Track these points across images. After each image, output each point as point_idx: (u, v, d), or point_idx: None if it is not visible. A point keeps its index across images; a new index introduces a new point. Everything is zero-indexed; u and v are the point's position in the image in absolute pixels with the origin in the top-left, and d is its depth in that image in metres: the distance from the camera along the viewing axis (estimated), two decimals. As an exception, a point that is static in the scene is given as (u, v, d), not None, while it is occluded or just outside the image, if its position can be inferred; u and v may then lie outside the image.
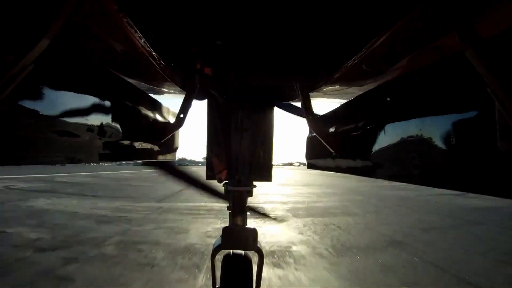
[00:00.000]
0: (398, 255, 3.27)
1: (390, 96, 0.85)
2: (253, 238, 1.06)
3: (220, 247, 1.08)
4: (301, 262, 3.03)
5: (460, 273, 2.76)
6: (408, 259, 3.15)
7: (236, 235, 1.07)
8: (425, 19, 0.59)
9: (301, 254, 3.28)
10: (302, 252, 3.35)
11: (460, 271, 2.81)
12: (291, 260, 3.07)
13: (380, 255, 3.28)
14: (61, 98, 0.66)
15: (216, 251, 1.08)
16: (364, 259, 3.15)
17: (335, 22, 0.82)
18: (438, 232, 4.28)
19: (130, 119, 0.99)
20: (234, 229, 1.09)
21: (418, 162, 0.68)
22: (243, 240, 1.06)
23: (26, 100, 0.57)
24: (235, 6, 0.76)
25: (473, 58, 0.43)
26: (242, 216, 1.11)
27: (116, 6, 0.58)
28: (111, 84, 0.91)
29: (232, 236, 1.07)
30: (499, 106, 0.42)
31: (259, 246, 1.07)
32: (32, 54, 0.46)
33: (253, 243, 1.06)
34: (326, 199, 7.99)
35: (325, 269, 2.85)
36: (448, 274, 2.76)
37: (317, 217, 5.26)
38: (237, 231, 1.08)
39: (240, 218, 1.11)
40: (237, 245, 1.08)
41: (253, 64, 1.04)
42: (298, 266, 2.92)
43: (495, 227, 4.56)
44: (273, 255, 3.19)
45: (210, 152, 1.18)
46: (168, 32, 0.84)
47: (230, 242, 1.07)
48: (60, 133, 0.67)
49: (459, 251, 3.41)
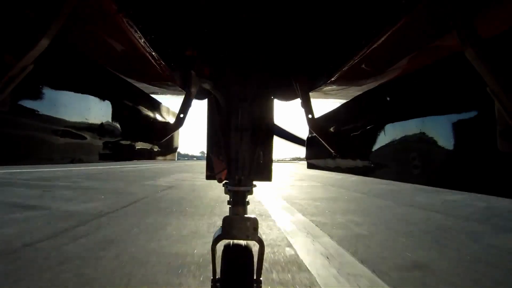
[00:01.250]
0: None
1: (390, 96, 0.85)
2: (254, 227, 1.06)
3: (221, 237, 1.07)
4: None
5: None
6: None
7: (237, 225, 1.06)
8: (425, 19, 0.59)
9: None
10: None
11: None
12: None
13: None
14: (61, 98, 0.66)
15: (217, 241, 1.08)
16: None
17: (335, 22, 0.82)
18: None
19: (130, 119, 0.99)
20: (234, 218, 1.08)
21: (417, 162, 0.68)
22: (243, 229, 1.06)
23: (26, 100, 0.57)
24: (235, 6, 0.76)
25: (473, 58, 0.43)
26: (243, 207, 1.11)
27: (116, 6, 0.58)
28: (111, 84, 0.91)
29: (232, 226, 1.06)
30: (499, 106, 0.42)
31: (260, 236, 1.07)
32: (32, 54, 0.46)
33: (253, 232, 1.05)
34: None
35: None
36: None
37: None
38: (237, 221, 1.07)
39: (240, 208, 1.10)
40: (237, 234, 1.07)
41: (253, 64, 1.04)
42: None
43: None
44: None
45: (210, 152, 1.18)
46: (168, 32, 0.84)
47: (230, 232, 1.07)
48: (60, 133, 0.67)
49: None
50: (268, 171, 1.21)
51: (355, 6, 0.72)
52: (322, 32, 0.88)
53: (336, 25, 0.82)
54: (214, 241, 1.08)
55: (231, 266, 1.08)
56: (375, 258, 2.75)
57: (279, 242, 3.22)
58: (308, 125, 1.07)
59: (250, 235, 1.06)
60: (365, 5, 0.69)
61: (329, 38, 0.89)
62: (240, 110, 1.09)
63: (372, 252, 2.91)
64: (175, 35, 0.88)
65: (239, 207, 1.11)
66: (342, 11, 0.77)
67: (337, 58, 0.87)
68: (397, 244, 3.19)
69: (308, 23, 0.84)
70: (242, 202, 1.11)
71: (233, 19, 0.81)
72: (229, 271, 1.08)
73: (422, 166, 0.67)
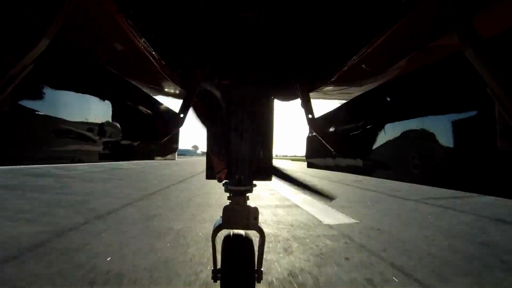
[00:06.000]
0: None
1: (390, 96, 0.85)
2: (254, 217, 1.04)
3: (221, 227, 1.06)
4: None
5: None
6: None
7: (237, 215, 1.05)
8: (425, 19, 0.59)
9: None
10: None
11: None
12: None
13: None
14: (61, 98, 0.66)
15: (217, 231, 1.07)
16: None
17: (335, 22, 0.82)
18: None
19: (130, 119, 0.99)
20: (235, 208, 1.06)
21: (417, 162, 0.68)
22: (244, 219, 1.04)
23: (26, 100, 0.57)
24: (235, 6, 0.76)
25: (473, 58, 0.43)
26: (243, 197, 1.09)
27: (116, 6, 0.58)
28: (111, 84, 0.91)
29: (232, 216, 1.05)
30: (499, 106, 0.42)
31: (260, 226, 1.05)
32: (32, 54, 0.46)
33: (254, 222, 1.04)
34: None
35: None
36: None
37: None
38: (237, 211, 1.05)
39: (241, 198, 1.08)
40: (237, 224, 1.05)
41: (253, 64, 1.04)
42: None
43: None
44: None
45: (210, 152, 1.18)
46: (168, 32, 0.84)
47: (230, 222, 1.05)
48: (60, 133, 0.67)
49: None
50: (268, 171, 1.21)
51: (355, 6, 0.72)
52: (322, 32, 0.88)
53: (336, 25, 0.82)
54: (214, 231, 1.07)
55: (232, 256, 1.07)
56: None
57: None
58: (308, 125, 1.07)
59: (250, 225, 1.04)
60: (365, 5, 0.69)
61: (329, 38, 0.89)
62: (240, 110, 1.09)
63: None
64: (175, 35, 0.88)
65: (239, 196, 1.08)
66: (342, 11, 0.77)
67: (337, 58, 0.87)
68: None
69: (308, 23, 0.84)
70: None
71: (233, 19, 0.81)
72: (229, 261, 1.07)
73: (421, 166, 0.67)
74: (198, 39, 0.91)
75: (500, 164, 0.47)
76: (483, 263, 2.36)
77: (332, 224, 3.61)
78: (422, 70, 0.72)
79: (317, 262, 2.35)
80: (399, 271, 2.19)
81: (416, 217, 4.03)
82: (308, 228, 3.43)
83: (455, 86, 0.59)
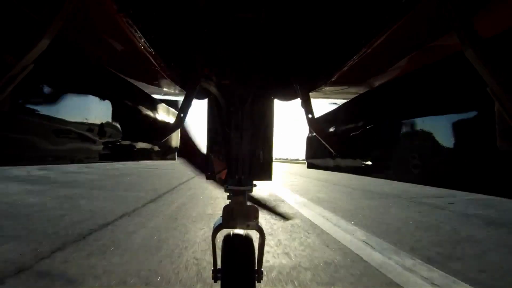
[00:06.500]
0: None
1: (390, 96, 0.85)
2: (254, 216, 1.04)
3: (221, 227, 1.06)
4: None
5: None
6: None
7: (237, 214, 1.04)
8: (425, 19, 0.59)
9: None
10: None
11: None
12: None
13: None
14: (61, 98, 0.66)
15: (217, 231, 1.07)
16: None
17: (335, 22, 0.82)
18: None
19: (130, 119, 0.99)
20: (235, 207, 1.06)
21: (417, 162, 0.68)
22: (244, 219, 1.04)
23: (26, 100, 0.57)
24: (235, 6, 0.76)
25: (473, 58, 0.43)
26: (243, 197, 1.09)
27: (116, 6, 0.58)
28: (111, 84, 0.91)
29: (232, 215, 1.04)
30: (499, 106, 0.42)
31: (260, 226, 1.05)
32: (32, 54, 0.46)
33: (254, 221, 1.04)
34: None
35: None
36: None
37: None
38: (237, 210, 1.05)
39: (241, 197, 1.08)
40: (237, 224, 1.05)
41: (253, 64, 1.04)
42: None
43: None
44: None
45: (210, 152, 1.18)
46: (168, 32, 0.84)
47: (230, 221, 1.05)
48: (60, 133, 0.67)
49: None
50: (268, 171, 1.21)
51: (355, 6, 0.72)
52: (322, 32, 0.87)
53: (336, 25, 0.82)
54: (214, 231, 1.07)
55: (232, 256, 1.07)
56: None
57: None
58: (308, 125, 1.07)
59: (251, 224, 1.04)
60: (365, 5, 0.69)
61: (329, 38, 0.89)
62: (240, 110, 1.08)
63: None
64: (175, 35, 0.88)
65: (239, 196, 1.08)
66: (342, 11, 0.77)
67: (337, 58, 0.87)
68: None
69: (308, 23, 0.84)
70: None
71: (233, 19, 0.81)
72: (230, 261, 1.07)
73: (421, 166, 0.67)
74: (198, 39, 0.91)
75: (500, 164, 0.47)
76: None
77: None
78: (422, 70, 0.72)
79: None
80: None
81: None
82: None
83: (455, 86, 0.59)
